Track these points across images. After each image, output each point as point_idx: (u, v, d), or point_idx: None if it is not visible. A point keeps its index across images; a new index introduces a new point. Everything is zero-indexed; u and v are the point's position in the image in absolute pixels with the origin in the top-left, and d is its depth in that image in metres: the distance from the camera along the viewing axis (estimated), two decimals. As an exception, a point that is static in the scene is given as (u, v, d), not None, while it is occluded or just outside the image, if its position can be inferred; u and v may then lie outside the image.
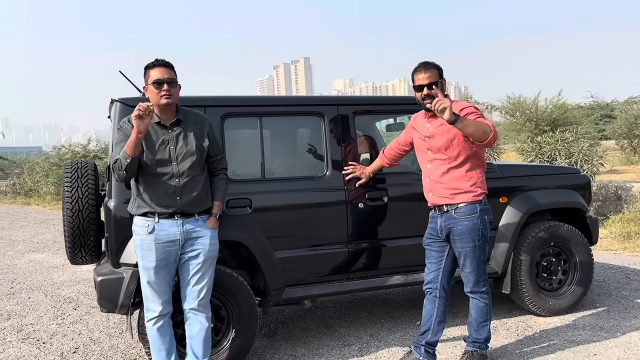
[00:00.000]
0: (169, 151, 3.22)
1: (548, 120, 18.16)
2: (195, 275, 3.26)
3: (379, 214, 4.07)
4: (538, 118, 18.21)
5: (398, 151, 3.85)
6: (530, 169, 4.85)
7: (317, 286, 3.95)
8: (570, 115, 18.49)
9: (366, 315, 4.81)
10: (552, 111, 18.43)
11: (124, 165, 3.04)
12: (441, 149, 3.38)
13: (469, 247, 3.36)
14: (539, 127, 17.94)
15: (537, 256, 4.48)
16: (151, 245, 3.19)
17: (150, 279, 3.21)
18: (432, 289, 3.55)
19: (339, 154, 4.00)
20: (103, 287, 3.46)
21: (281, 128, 4.15)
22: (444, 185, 3.40)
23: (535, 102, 18.70)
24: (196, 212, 3.28)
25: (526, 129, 18.17)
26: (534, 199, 4.43)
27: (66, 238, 3.79)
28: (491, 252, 4.35)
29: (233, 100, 3.87)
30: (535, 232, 4.43)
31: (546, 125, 17.82)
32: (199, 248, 3.26)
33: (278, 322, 4.73)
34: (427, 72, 3.36)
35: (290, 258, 3.85)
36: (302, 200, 3.91)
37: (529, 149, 11.97)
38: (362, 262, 4.06)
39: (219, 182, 3.42)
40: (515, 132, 18.60)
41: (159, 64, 3.22)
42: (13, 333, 4.80)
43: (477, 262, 3.39)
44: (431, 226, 3.57)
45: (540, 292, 4.48)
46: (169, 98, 3.17)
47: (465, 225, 3.34)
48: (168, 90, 3.17)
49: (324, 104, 4.04)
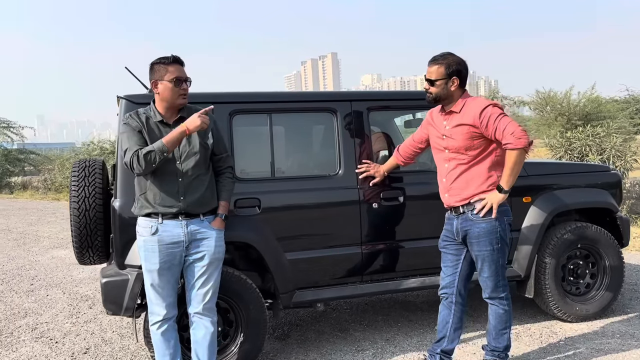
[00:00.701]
0: None
1: (581, 114, 17.64)
2: (200, 278, 3.16)
3: (394, 215, 3.90)
4: (570, 112, 17.70)
5: (413, 149, 3.67)
6: (556, 167, 4.61)
7: (329, 289, 3.81)
8: (604, 109, 17.90)
9: (383, 318, 4.65)
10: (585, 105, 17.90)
11: (159, 158, 2.94)
12: (460, 150, 3.19)
13: (487, 250, 3.17)
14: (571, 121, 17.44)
15: (563, 259, 4.25)
16: (154, 247, 3.09)
17: (153, 282, 3.11)
18: (447, 294, 3.37)
19: (352, 151, 3.85)
20: (107, 289, 3.39)
21: (292, 125, 4.00)
22: (461, 185, 3.22)
23: (567, 96, 18.18)
24: (201, 212, 3.16)
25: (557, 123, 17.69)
26: (559, 198, 4.20)
27: (73, 238, 3.73)
28: (513, 254, 4.15)
29: (241, 97, 3.75)
30: (561, 233, 4.20)
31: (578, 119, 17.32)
32: (204, 250, 3.15)
33: (292, 324, 4.60)
34: (434, 65, 3.19)
35: (301, 260, 3.72)
36: (313, 200, 3.77)
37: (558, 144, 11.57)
38: (377, 264, 3.90)
39: (224, 181, 3.30)
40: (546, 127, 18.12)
41: (178, 61, 3.11)
42: (28, 331, 4.79)
43: (496, 267, 3.19)
44: (447, 228, 3.39)
45: (566, 297, 4.25)
46: (185, 98, 3.09)
47: (483, 228, 3.15)
48: (186, 90, 3.08)
49: (337, 100, 3.89)
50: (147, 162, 2.95)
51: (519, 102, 17.73)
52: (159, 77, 3.09)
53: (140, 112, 3.17)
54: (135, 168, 3.01)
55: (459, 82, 3.20)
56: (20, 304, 5.67)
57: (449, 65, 3.18)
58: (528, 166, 4.25)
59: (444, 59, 3.21)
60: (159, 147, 2.94)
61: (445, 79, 3.18)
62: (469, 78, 3.33)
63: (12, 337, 4.67)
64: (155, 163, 2.95)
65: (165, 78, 3.06)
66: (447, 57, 3.22)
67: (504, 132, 3.03)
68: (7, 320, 5.14)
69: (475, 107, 3.12)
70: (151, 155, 2.94)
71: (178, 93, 3.05)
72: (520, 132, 3.01)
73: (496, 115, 3.07)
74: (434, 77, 3.20)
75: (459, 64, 3.21)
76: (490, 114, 3.08)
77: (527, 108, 18.74)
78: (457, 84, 3.20)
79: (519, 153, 3.03)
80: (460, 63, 3.21)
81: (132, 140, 3.06)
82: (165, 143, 2.94)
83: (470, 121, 3.12)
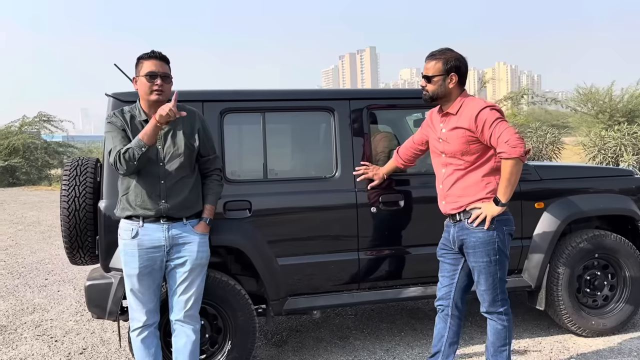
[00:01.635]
0: (156, 150, 3.00)
1: (624, 111, 16.92)
2: (182, 284, 3.04)
3: (394, 219, 3.70)
4: (612, 109, 17.00)
5: (413, 151, 3.46)
6: (573, 171, 4.31)
7: (323, 297, 3.64)
8: (650, 105, 17.15)
9: (387, 326, 4.45)
10: (629, 101, 17.16)
11: (138, 154, 2.83)
12: (456, 154, 2.98)
13: (483, 262, 2.94)
14: (613, 118, 16.75)
15: (578, 269, 3.97)
16: (134, 251, 2.98)
17: (133, 287, 3.01)
18: (443, 306, 3.16)
19: (350, 152, 3.66)
20: (91, 292, 3.31)
21: (286, 125, 3.84)
22: (457, 192, 3.00)
23: (608, 92, 17.46)
24: (184, 216, 3.04)
25: (599, 120, 17.01)
26: (574, 204, 3.91)
27: (63, 238, 3.67)
28: (524, 263, 3.90)
29: (233, 95, 3.60)
30: (577, 242, 3.92)
31: (621, 116, 16.61)
32: (185, 255, 3.03)
33: (292, 329, 4.45)
34: (432, 61, 2.98)
35: (294, 266, 3.56)
36: (307, 203, 3.60)
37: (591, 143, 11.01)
38: (375, 271, 3.70)
39: (211, 184, 3.17)
40: (586, 124, 17.47)
41: (155, 55, 3.00)
42: (31, 328, 4.79)
43: (493, 279, 2.97)
44: (444, 236, 3.18)
45: (581, 310, 3.97)
46: (160, 94, 2.94)
47: (479, 237, 2.93)
48: (160, 86, 2.94)
49: (334, 99, 3.70)
50: (127, 160, 2.85)
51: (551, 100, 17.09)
52: (137, 72, 3.00)
53: (125, 110, 3.07)
54: (119, 168, 2.92)
55: (457, 79, 2.98)
56: (31, 299, 5.71)
57: (447, 61, 2.97)
58: (541, 169, 3.98)
59: (442, 54, 3.00)
60: (135, 143, 2.84)
61: (443, 76, 2.97)
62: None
63: (15, 333, 4.68)
64: (136, 160, 2.84)
65: (140, 73, 2.96)
66: (445, 53, 3.00)
67: (498, 140, 2.81)
68: (14, 315, 5.16)
69: (472, 109, 2.90)
70: (129, 152, 2.84)
71: (150, 88, 2.92)
72: (515, 140, 2.77)
73: (492, 120, 2.84)
74: (431, 73, 2.99)
75: (457, 59, 2.99)
76: (486, 118, 2.85)
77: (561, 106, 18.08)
78: (456, 80, 2.98)
79: (513, 163, 2.80)
80: (459, 59, 3.00)
81: (116, 140, 2.96)
82: (141, 137, 2.83)
83: (466, 124, 2.90)
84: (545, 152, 13.69)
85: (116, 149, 2.89)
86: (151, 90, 2.94)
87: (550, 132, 14.39)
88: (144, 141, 2.82)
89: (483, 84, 16.57)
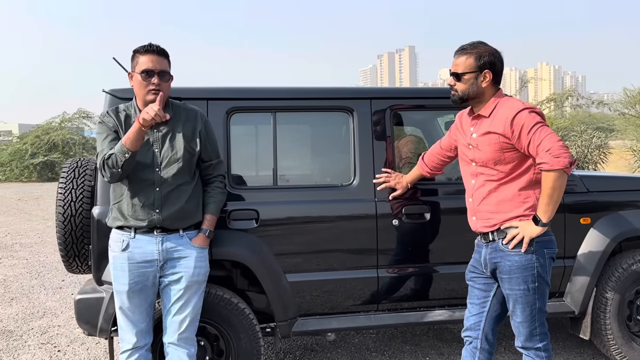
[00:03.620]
0: (152, 154, 2.70)
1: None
2: (176, 303, 2.73)
3: (418, 234, 3.30)
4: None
5: (440, 157, 3.05)
6: (625, 182, 3.80)
7: (337, 318, 3.27)
8: None
9: (410, 349, 4.05)
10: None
11: (121, 161, 2.54)
12: (488, 163, 2.56)
13: (520, 290, 2.52)
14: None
15: (630, 294, 3.50)
16: (124, 265, 2.69)
17: (123, 305, 2.71)
18: (471, 337, 2.75)
19: (370, 158, 3.28)
20: (80, 307, 3.03)
21: (299, 126, 3.49)
22: (491, 207, 2.58)
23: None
24: (181, 227, 2.73)
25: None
26: (627, 221, 3.44)
27: (58, 245, 3.40)
28: (566, 286, 3.44)
29: (241, 92, 3.26)
30: (629, 263, 3.44)
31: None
32: (180, 271, 2.71)
33: (306, 348, 4.10)
34: (462, 56, 2.57)
35: (305, 283, 3.20)
36: (321, 214, 3.23)
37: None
38: (395, 291, 3.31)
39: (212, 192, 2.85)
40: (633, 127, 16.53)
41: (152, 49, 2.68)
42: (37, 335, 4.58)
43: (531, 310, 2.54)
44: (475, 257, 2.76)
45: (632, 341, 3.49)
46: (156, 94, 2.61)
47: (516, 262, 2.51)
48: (157, 85, 2.62)
49: (354, 98, 3.32)
50: (110, 167, 2.56)
51: (598, 103, 16.20)
52: (132, 67, 2.70)
53: (120, 108, 2.78)
54: (103, 175, 2.64)
55: (491, 77, 2.57)
56: (44, 302, 5.53)
57: (480, 56, 2.56)
58: (588, 180, 3.52)
59: (474, 48, 2.59)
60: (118, 149, 2.54)
61: (475, 73, 2.56)
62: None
63: (20, 340, 4.47)
64: (119, 167, 2.54)
65: (136, 69, 2.66)
66: (477, 47, 2.59)
67: (538, 148, 2.38)
68: (23, 320, 4.98)
69: (507, 111, 2.48)
70: (112, 158, 2.55)
71: (147, 88, 2.61)
72: (558, 149, 2.34)
73: (531, 124, 2.41)
74: (461, 69, 2.58)
75: (492, 54, 2.57)
76: (524, 122, 2.43)
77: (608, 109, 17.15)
78: (490, 79, 2.57)
79: (557, 176, 2.37)
80: (494, 54, 2.58)
81: (104, 142, 2.68)
82: (124, 142, 2.53)
83: (500, 129, 2.48)
84: (590, 157, 12.93)
85: (102, 153, 2.60)
86: (147, 90, 2.63)
87: (596, 135, 13.61)
88: (127, 147, 2.51)
89: (524, 84, 15.80)
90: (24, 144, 24.51)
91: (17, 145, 25.22)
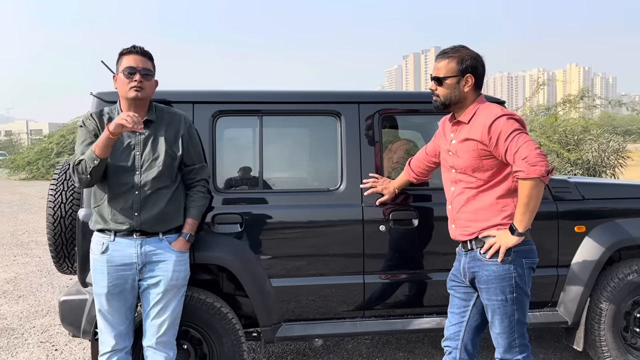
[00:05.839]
0: (133, 157, 2.72)
1: None
2: (155, 307, 2.73)
3: (406, 240, 3.26)
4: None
5: (426, 163, 3.00)
6: (622, 190, 3.69)
7: (322, 324, 3.24)
8: None
9: (404, 356, 3.99)
10: None
11: (89, 167, 2.56)
12: (467, 170, 2.51)
13: (498, 300, 2.46)
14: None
15: (626, 305, 3.40)
16: (103, 267, 2.71)
17: (102, 308, 2.73)
18: (451, 347, 2.69)
19: (358, 163, 3.24)
20: (64, 308, 3.06)
21: (286, 130, 3.46)
22: (469, 215, 2.53)
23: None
24: (160, 231, 2.74)
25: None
26: (623, 229, 3.34)
27: (49, 246, 3.44)
28: (559, 296, 3.36)
29: (227, 96, 3.24)
30: (625, 273, 3.35)
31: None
32: (159, 275, 2.72)
33: (298, 352, 4.07)
34: (444, 60, 2.52)
35: (290, 288, 3.18)
36: (307, 218, 3.20)
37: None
38: (382, 298, 3.27)
39: (194, 196, 2.85)
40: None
41: (135, 50, 2.71)
42: (37, 334, 4.65)
43: (510, 321, 2.48)
44: (455, 265, 2.71)
45: (628, 353, 3.39)
46: (139, 91, 2.64)
47: (493, 272, 2.45)
48: (140, 82, 2.64)
49: (341, 102, 3.28)
50: (79, 172, 2.58)
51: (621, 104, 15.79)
52: (117, 69, 2.73)
53: (104, 111, 2.81)
54: (74, 180, 2.66)
55: (473, 82, 2.52)
56: (49, 301, 5.62)
57: (461, 60, 2.51)
58: (584, 187, 3.42)
59: (456, 52, 2.54)
60: (88, 155, 2.56)
61: (457, 77, 2.51)
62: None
63: (20, 338, 4.55)
64: (88, 173, 2.56)
65: (119, 69, 2.68)
66: (459, 50, 2.54)
67: (515, 156, 2.32)
68: (26, 318, 5.06)
69: (486, 118, 2.43)
70: (81, 164, 2.56)
71: (129, 85, 2.63)
72: (535, 157, 2.28)
73: (509, 131, 2.35)
74: (443, 73, 2.54)
75: (474, 58, 2.52)
76: (501, 129, 2.37)
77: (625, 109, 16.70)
78: (472, 83, 2.51)
79: (533, 184, 2.30)
80: (476, 58, 2.53)
81: (81, 146, 2.71)
82: (93, 149, 2.54)
83: (478, 136, 2.43)
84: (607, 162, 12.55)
85: (74, 157, 2.62)
86: (129, 87, 2.65)
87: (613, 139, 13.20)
88: (96, 153, 2.53)
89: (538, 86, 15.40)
90: (49, 142, 25.00)
91: (43, 144, 25.73)
